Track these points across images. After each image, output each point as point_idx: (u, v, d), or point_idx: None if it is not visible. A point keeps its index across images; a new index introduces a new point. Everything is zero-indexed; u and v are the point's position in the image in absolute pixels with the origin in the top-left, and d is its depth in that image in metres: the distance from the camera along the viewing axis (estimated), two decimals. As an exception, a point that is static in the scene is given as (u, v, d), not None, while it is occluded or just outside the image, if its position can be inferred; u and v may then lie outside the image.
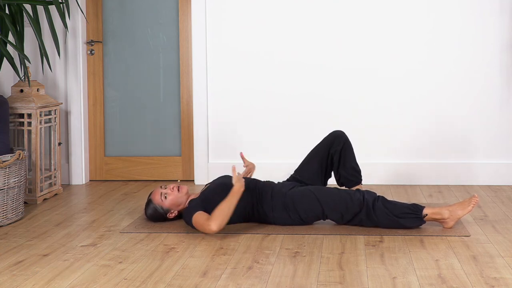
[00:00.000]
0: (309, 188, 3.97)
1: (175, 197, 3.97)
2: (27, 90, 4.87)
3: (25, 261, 3.39)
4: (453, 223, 3.83)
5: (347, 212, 3.85)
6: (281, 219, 3.94)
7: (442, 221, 3.84)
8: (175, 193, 3.97)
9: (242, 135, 5.34)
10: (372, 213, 3.81)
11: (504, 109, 5.14)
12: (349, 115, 5.25)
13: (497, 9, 5.09)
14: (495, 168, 5.15)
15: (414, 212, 3.81)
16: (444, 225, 3.85)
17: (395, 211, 3.81)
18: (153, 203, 4.01)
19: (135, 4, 5.47)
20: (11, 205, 4.19)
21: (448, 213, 3.82)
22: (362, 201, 3.83)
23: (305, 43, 5.24)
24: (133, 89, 5.51)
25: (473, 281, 2.98)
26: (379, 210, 3.80)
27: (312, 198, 3.89)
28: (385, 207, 3.81)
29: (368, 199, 3.83)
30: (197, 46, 5.32)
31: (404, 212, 3.80)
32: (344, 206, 3.84)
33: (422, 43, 5.17)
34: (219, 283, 3.01)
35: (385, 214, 3.80)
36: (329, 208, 3.87)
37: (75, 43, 5.36)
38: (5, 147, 4.32)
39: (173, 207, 3.99)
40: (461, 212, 3.82)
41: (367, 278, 3.05)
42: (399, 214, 3.80)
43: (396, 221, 3.80)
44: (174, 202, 3.98)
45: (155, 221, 4.07)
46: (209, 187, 4.02)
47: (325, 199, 3.88)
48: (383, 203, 3.82)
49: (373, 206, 3.81)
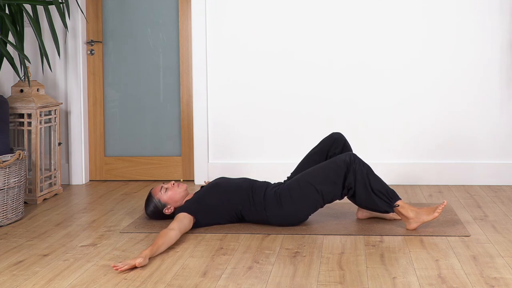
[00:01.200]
0: (295, 177, 3.97)
1: (174, 192, 4.01)
2: (27, 90, 4.88)
3: (25, 261, 3.39)
4: (416, 226, 3.81)
5: (338, 176, 3.80)
6: (276, 217, 3.90)
7: (406, 220, 3.82)
8: (175, 188, 4.02)
9: (242, 135, 5.34)
10: (358, 172, 3.78)
11: (504, 109, 5.14)
12: (349, 114, 5.25)
13: (496, 8, 5.09)
14: (495, 168, 5.15)
15: (388, 197, 3.80)
16: (407, 225, 3.83)
17: (374, 184, 3.79)
18: (152, 196, 4.05)
19: (135, 4, 5.47)
20: (11, 205, 4.20)
21: (414, 214, 3.80)
22: (349, 160, 3.81)
23: (305, 44, 5.24)
24: (133, 89, 5.51)
25: (473, 281, 2.98)
26: (361, 176, 3.78)
27: (302, 181, 3.87)
28: (368, 177, 3.80)
29: (355, 160, 3.82)
30: (197, 46, 5.32)
31: (380, 191, 3.79)
32: (332, 173, 3.81)
33: (421, 43, 5.17)
34: (219, 283, 3.01)
35: (364, 184, 3.78)
36: (319, 182, 3.83)
37: (75, 43, 5.36)
38: (5, 147, 4.32)
39: (171, 202, 4.01)
40: (425, 217, 3.80)
41: (367, 278, 3.05)
42: (375, 189, 3.79)
43: (370, 196, 3.78)
44: (172, 197, 4.00)
45: (153, 216, 4.09)
46: (202, 188, 4.04)
47: (313, 175, 3.86)
48: (367, 172, 3.80)
49: (358, 165, 3.79)
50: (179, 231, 3.63)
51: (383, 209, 3.83)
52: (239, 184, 4.00)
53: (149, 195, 4.09)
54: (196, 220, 3.86)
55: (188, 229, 3.78)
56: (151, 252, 3.33)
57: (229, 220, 3.98)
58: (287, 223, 3.93)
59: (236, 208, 3.95)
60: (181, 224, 3.69)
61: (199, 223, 3.89)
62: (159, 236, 3.50)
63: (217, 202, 3.94)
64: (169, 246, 3.50)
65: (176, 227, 3.63)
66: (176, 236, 3.57)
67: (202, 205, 3.91)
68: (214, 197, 3.95)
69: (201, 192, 4.00)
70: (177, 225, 3.66)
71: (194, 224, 3.86)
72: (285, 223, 3.94)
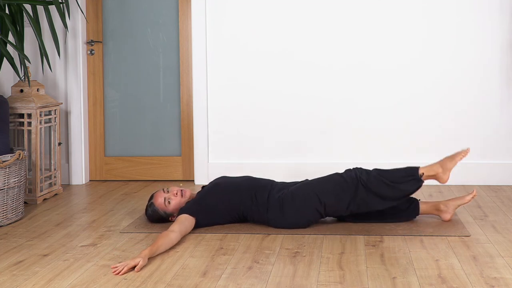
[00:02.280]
0: (300, 184, 3.95)
1: (179, 202, 3.96)
2: (27, 90, 4.87)
3: (25, 261, 3.39)
4: (448, 176, 3.84)
5: (344, 192, 3.79)
6: (277, 220, 3.87)
7: (439, 178, 3.85)
8: (179, 198, 3.96)
9: (242, 135, 5.34)
10: (370, 185, 3.76)
11: (504, 109, 5.14)
12: (349, 114, 5.24)
13: (496, 8, 5.09)
14: (495, 168, 5.15)
15: (411, 175, 3.78)
16: (440, 180, 3.87)
17: (392, 178, 3.77)
18: (156, 207, 3.98)
19: (135, 4, 5.47)
20: (11, 205, 4.19)
21: (439, 167, 3.82)
22: (355, 177, 3.79)
23: (305, 44, 5.24)
24: (133, 89, 5.51)
25: (473, 281, 2.98)
26: (376, 180, 3.76)
27: (306, 189, 3.86)
28: (381, 175, 3.77)
29: (361, 172, 3.80)
30: (197, 46, 5.32)
31: (401, 176, 3.78)
32: (339, 187, 3.80)
33: (421, 43, 5.17)
34: (219, 283, 3.01)
35: (383, 183, 3.76)
36: (324, 194, 3.81)
37: (75, 43, 5.36)
38: (5, 147, 4.32)
39: (176, 212, 3.97)
40: (450, 163, 3.82)
41: (367, 278, 3.05)
42: (397, 179, 3.77)
43: (396, 188, 3.77)
44: (178, 207, 3.96)
45: (156, 222, 4.07)
46: (203, 189, 4.04)
47: (318, 186, 3.85)
48: (378, 173, 3.79)
49: (368, 178, 3.77)
50: (180, 233, 3.62)
51: (416, 189, 3.80)
52: (240, 183, 3.98)
53: (151, 204, 4.00)
54: (197, 220, 3.85)
55: (189, 231, 3.77)
56: (150, 252, 3.33)
57: (230, 220, 3.97)
58: (287, 228, 3.90)
59: (238, 208, 3.94)
60: (182, 226, 3.69)
61: (200, 224, 3.88)
62: (159, 237, 3.49)
63: (217, 202, 3.93)
64: (169, 247, 3.50)
65: (177, 229, 3.63)
66: (177, 238, 3.57)
67: (203, 206, 3.90)
68: (214, 198, 3.94)
69: (202, 192, 4.00)
70: (178, 227, 3.65)
71: (195, 225, 3.85)
72: (285, 228, 3.91)
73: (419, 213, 4.03)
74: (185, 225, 3.72)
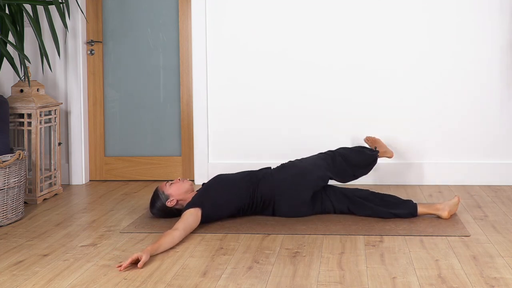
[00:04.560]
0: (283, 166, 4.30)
1: (179, 185, 4.11)
2: (27, 90, 4.88)
3: (25, 261, 3.39)
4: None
5: (325, 160, 4.25)
6: (283, 181, 4.12)
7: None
8: (180, 182, 4.14)
9: (242, 135, 5.34)
10: (343, 151, 4.34)
11: (504, 109, 5.14)
12: (349, 114, 5.25)
13: (496, 8, 5.09)
14: (495, 168, 5.15)
15: (369, 149, 4.44)
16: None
17: (355, 147, 4.44)
18: (157, 190, 4.13)
19: (135, 4, 5.47)
20: (11, 205, 4.20)
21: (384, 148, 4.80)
22: (330, 152, 4.35)
23: (305, 44, 5.24)
24: (133, 89, 5.51)
25: (473, 281, 2.98)
26: (343, 149, 4.39)
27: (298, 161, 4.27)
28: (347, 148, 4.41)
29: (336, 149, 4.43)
30: (197, 46, 5.32)
31: (362, 147, 4.44)
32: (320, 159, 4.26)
33: (421, 43, 5.17)
34: (219, 283, 3.01)
35: (349, 149, 4.36)
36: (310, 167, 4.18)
37: (75, 43, 5.36)
38: (5, 147, 4.32)
39: (174, 195, 4.07)
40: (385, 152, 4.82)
41: (367, 278, 3.05)
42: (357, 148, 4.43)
43: (361, 151, 4.38)
44: (176, 189, 4.08)
45: (158, 212, 4.13)
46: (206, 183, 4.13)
47: (306, 161, 4.26)
48: (343, 148, 4.41)
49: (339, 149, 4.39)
50: (184, 231, 3.66)
51: (374, 158, 4.40)
52: (242, 173, 4.21)
53: (155, 190, 4.16)
54: (203, 212, 3.87)
55: (195, 227, 3.81)
56: (153, 249, 3.36)
57: (236, 207, 4.07)
58: (292, 198, 4.10)
59: (244, 199, 4.08)
60: (186, 223, 3.71)
61: (206, 215, 3.91)
62: (162, 235, 3.54)
63: (224, 191, 4.05)
64: (172, 245, 3.52)
65: (181, 227, 3.66)
66: (180, 236, 3.60)
67: (210, 196, 3.99)
68: (221, 187, 4.06)
69: (206, 185, 4.11)
70: (181, 224, 3.68)
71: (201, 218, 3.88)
72: (290, 200, 4.10)
73: (417, 211, 4.10)
74: (189, 221, 3.75)
